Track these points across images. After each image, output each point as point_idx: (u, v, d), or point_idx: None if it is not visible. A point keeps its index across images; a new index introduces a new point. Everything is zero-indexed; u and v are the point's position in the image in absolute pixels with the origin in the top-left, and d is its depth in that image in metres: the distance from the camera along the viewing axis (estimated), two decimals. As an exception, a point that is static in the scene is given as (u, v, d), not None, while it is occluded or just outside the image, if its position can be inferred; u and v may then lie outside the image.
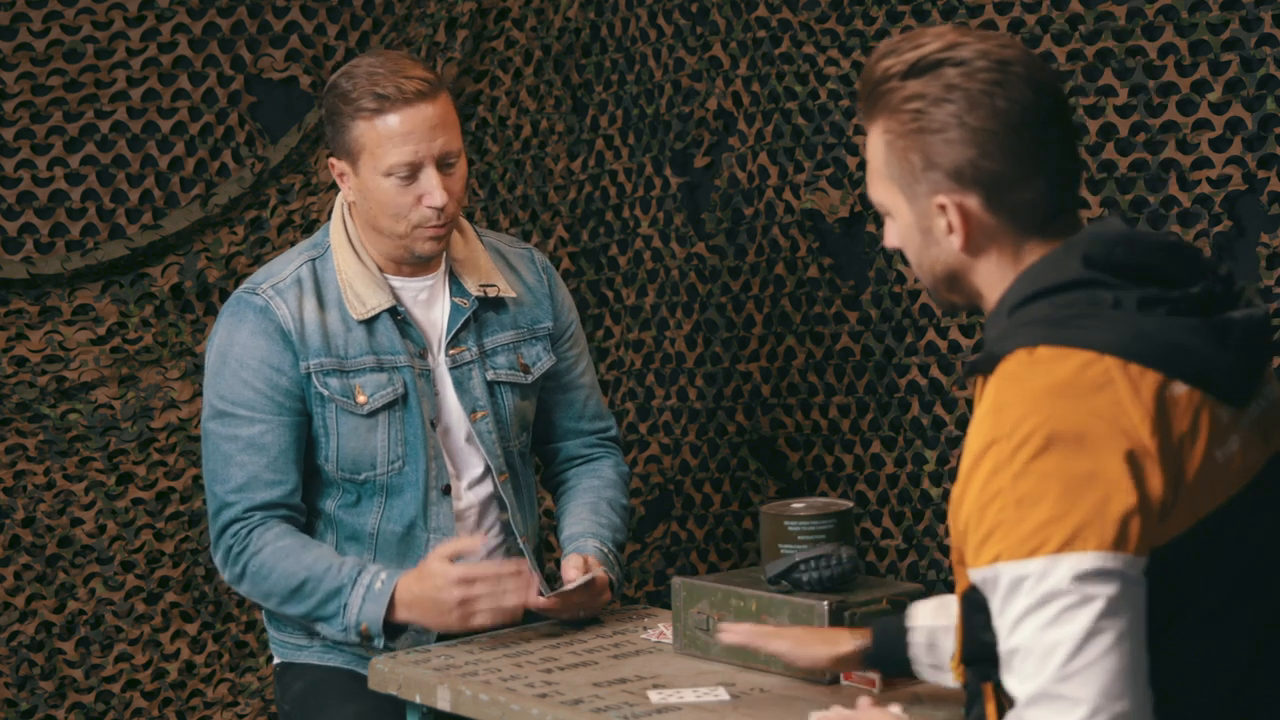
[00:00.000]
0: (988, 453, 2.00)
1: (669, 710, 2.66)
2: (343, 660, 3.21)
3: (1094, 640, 1.93)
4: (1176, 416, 2.01)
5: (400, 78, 3.08)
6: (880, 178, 2.17)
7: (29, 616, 4.11)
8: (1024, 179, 2.10)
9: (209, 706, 4.18)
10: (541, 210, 4.29)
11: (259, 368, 3.13)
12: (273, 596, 3.13)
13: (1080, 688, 1.93)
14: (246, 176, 4.15)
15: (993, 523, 1.99)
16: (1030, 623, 1.96)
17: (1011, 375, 2.03)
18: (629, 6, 4.22)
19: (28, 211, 4.15)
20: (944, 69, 2.10)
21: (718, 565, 4.19)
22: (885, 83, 2.13)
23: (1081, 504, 1.95)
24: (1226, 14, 3.47)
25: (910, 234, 2.17)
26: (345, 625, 3.07)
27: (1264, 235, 3.47)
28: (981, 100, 2.08)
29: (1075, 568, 1.94)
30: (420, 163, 3.10)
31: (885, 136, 2.14)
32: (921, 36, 2.14)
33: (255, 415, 3.13)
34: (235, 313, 3.18)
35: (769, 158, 4.05)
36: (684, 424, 4.22)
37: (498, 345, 3.26)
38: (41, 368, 4.10)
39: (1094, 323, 2.02)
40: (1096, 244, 2.08)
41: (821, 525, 2.84)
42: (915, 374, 3.88)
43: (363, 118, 3.09)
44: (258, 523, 3.14)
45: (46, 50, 4.14)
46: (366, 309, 3.16)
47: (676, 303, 4.20)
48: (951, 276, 2.17)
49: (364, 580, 3.06)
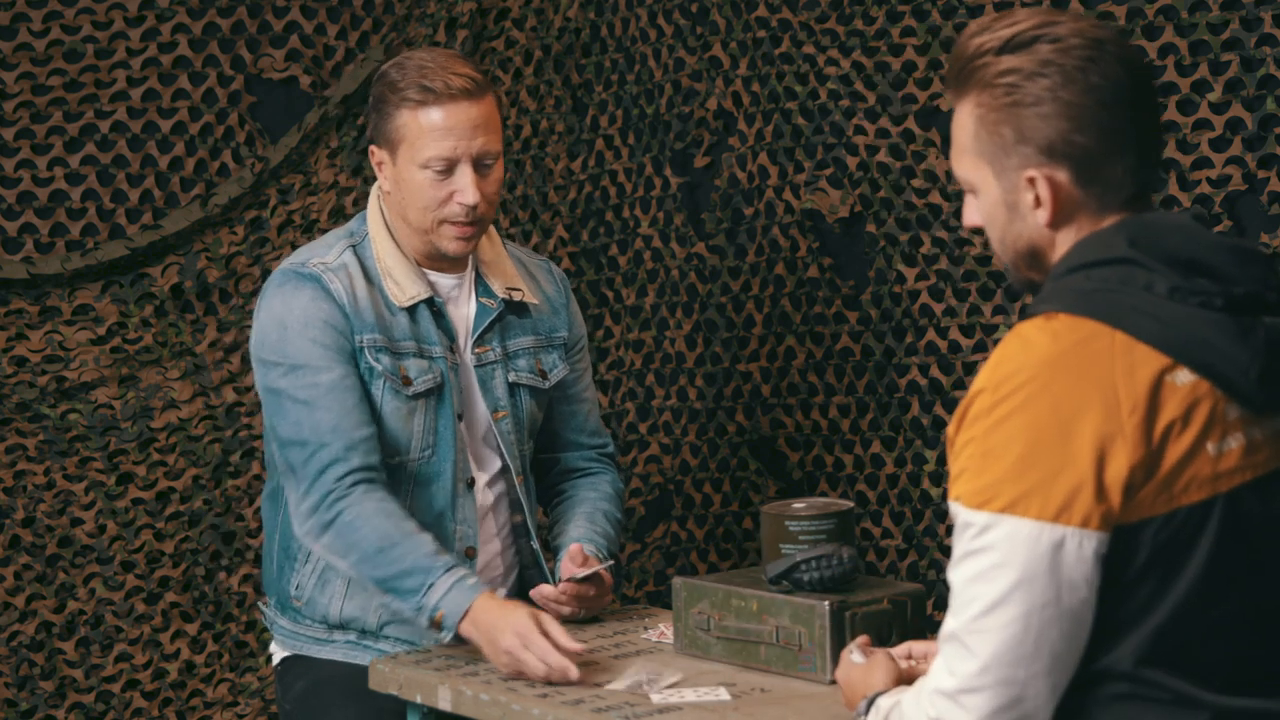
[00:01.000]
0: (976, 399, 2.09)
1: (669, 710, 2.66)
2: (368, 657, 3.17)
3: (1006, 603, 2.04)
4: (1169, 402, 2.05)
5: (449, 74, 3.11)
6: (967, 153, 2.20)
7: (29, 616, 4.11)
8: (1113, 155, 2.14)
9: (209, 706, 4.18)
10: (541, 210, 4.29)
11: (324, 328, 3.11)
12: (355, 551, 3.04)
13: (981, 643, 2.05)
14: (246, 176, 4.15)
15: (962, 465, 2.09)
16: (964, 567, 2.07)
17: (1021, 334, 2.10)
18: (629, 6, 4.22)
19: (28, 211, 4.15)
20: (1039, 45, 2.13)
21: (718, 565, 4.19)
22: (979, 58, 2.16)
23: (1035, 470, 2.03)
24: (1226, 14, 3.47)
25: (995, 209, 2.20)
26: (421, 605, 2.99)
27: (1264, 235, 3.47)
28: (1076, 75, 2.12)
29: (1011, 531, 2.04)
30: (457, 159, 3.12)
31: (977, 111, 2.17)
32: (1015, 14, 2.17)
33: (333, 364, 3.10)
34: (288, 283, 3.16)
35: (769, 158, 4.05)
36: (684, 424, 4.22)
37: (520, 349, 3.29)
38: (41, 368, 4.10)
39: (1118, 299, 2.07)
40: (1150, 229, 2.13)
41: (822, 525, 2.84)
42: (915, 374, 3.88)
43: (407, 108, 3.12)
44: (364, 479, 3.07)
45: (46, 50, 4.14)
46: (407, 297, 3.17)
47: (676, 303, 4.20)
48: (1034, 252, 2.20)
49: (458, 572, 2.99)
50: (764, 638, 2.79)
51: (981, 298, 3.78)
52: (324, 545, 3.08)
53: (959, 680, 2.07)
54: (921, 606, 2.82)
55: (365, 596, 3.18)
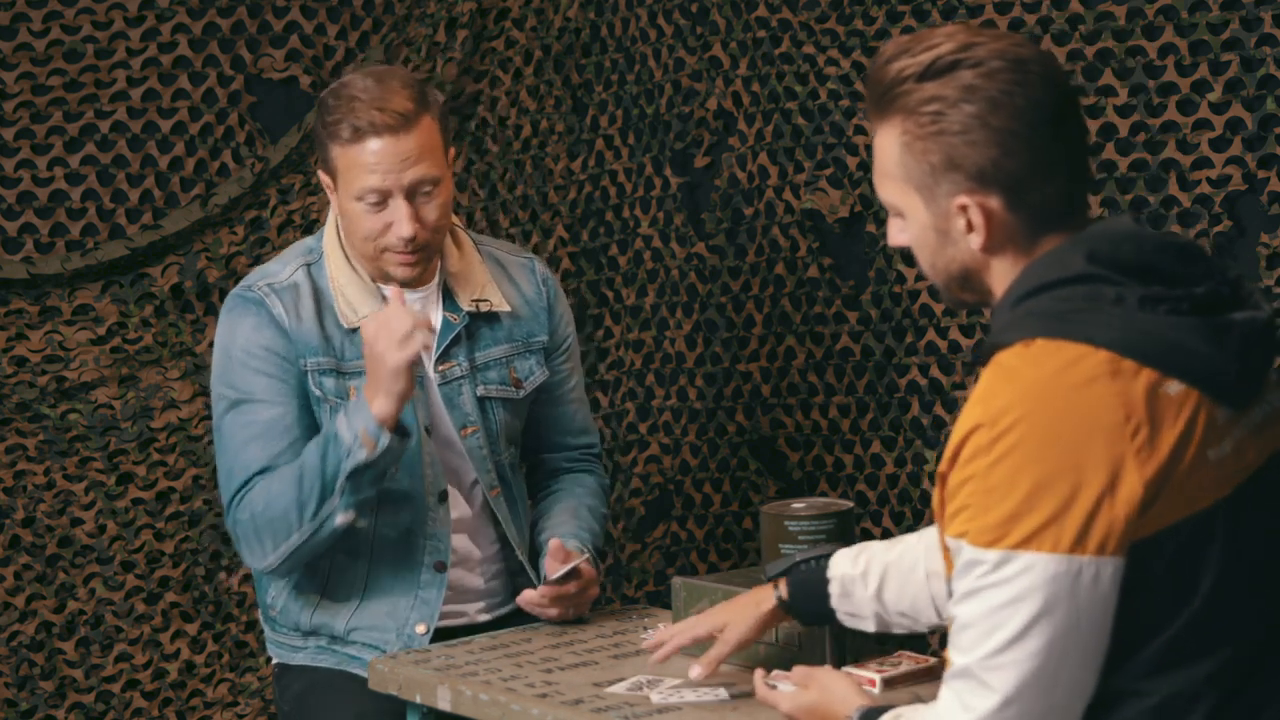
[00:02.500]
0: (970, 436, 2.06)
1: (669, 710, 2.66)
2: (334, 661, 3.21)
3: (1026, 638, 2.01)
4: (1167, 415, 2.03)
5: (375, 109, 3.07)
6: (892, 179, 2.18)
7: (29, 616, 4.11)
8: (1043, 177, 2.12)
9: (209, 706, 4.18)
10: (541, 210, 4.29)
11: (266, 355, 3.14)
12: (289, 515, 3.06)
13: (1001, 679, 2.03)
14: (246, 176, 4.15)
15: (964, 501, 2.06)
16: (974, 604, 2.04)
17: (1004, 365, 2.07)
18: (629, 6, 4.22)
19: (28, 211, 4.15)
20: (960, 70, 2.11)
21: (718, 565, 4.18)
22: (900, 84, 2.13)
23: (1045, 504, 2.01)
24: (1226, 14, 3.47)
25: (925, 234, 2.18)
26: (351, 449, 3.00)
27: (1264, 235, 3.47)
28: (1002, 101, 2.09)
29: (1026, 566, 2.01)
30: (389, 191, 3.09)
31: (902, 138, 2.14)
32: (932, 37, 2.14)
33: (271, 400, 3.13)
34: (234, 309, 3.20)
35: (769, 158, 4.05)
36: (684, 424, 4.22)
37: (490, 360, 3.26)
38: (41, 368, 4.10)
39: (1093, 317, 2.05)
40: (1102, 240, 2.10)
41: (821, 525, 2.84)
42: (915, 374, 3.88)
43: (337, 143, 3.10)
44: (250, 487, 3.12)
45: (46, 50, 4.14)
46: (358, 317, 3.15)
47: (676, 303, 4.20)
48: (966, 275, 2.18)
49: (340, 417, 3.03)
50: (764, 638, 2.79)
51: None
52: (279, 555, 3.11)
53: (976, 716, 2.04)
54: (921, 606, 2.82)
55: (336, 605, 3.19)
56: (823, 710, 2.37)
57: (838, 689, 2.36)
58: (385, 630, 3.17)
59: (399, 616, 3.16)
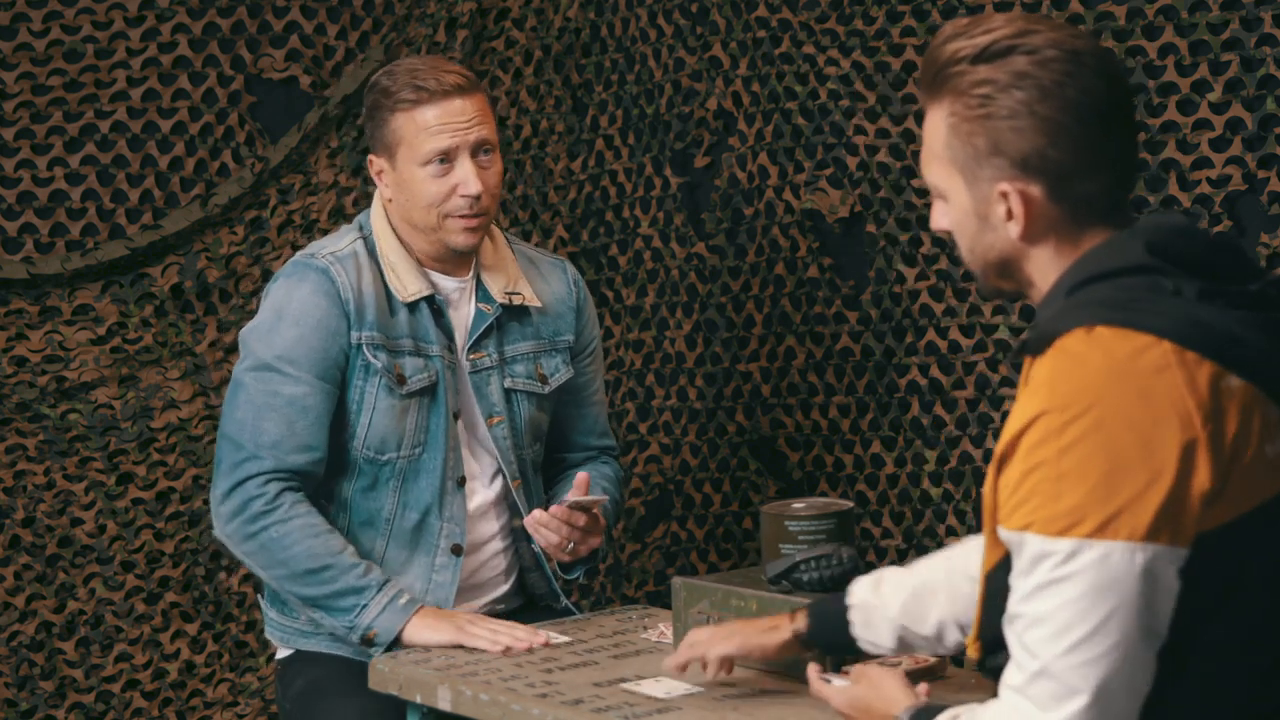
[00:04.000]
0: (1036, 422, 2.01)
1: (669, 710, 2.66)
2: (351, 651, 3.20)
3: (1104, 631, 1.96)
4: (1231, 408, 2.01)
5: (440, 72, 3.19)
6: (938, 160, 2.16)
7: (29, 616, 4.11)
8: (1089, 170, 2.10)
9: (209, 706, 4.18)
10: (541, 210, 4.29)
11: (315, 328, 3.16)
12: (283, 568, 3.10)
13: (1083, 677, 1.97)
14: (246, 176, 4.15)
15: (1030, 490, 2.00)
16: (1046, 598, 1.98)
17: (1069, 351, 2.03)
18: (629, 6, 4.22)
19: (28, 211, 4.15)
20: (1015, 56, 2.09)
21: (718, 565, 4.18)
22: (954, 65, 2.12)
23: (1121, 491, 1.96)
24: (1226, 14, 3.47)
25: (966, 219, 2.16)
26: (354, 624, 3.08)
27: (1264, 235, 3.46)
28: (1052, 90, 2.08)
29: (1103, 555, 1.96)
30: (455, 150, 3.17)
31: (950, 119, 2.13)
32: (990, 21, 2.13)
33: (301, 375, 3.14)
34: (295, 273, 3.21)
35: (769, 158, 4.05)
36: (684, 424, 4.22)
37: (518, 354, 3.31)
38: (41, 368, 4.10)
39: (1154, 307, 2.03)
40: (1159, 233, 2.09)
41: (821, 525, 2.84)
42: (915, 374, 3.88)
43: (402, 109, 3.18)
44: (288, 487, 3.12)
45: (46, 50, 4.14)
46: (409, 293, 3.21)
47: (676, 303, 4.20)
48: (1004, 263, 2.16)
49: (390, 591, 3.09)
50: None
51: (982, 298, 3.78)
52: (245, 553, 3.15)
53: (1062, 717, 1.98)
54: (921, 606, 2.81)
55: None
56: (873, 706, 2.34)
57: (887, 686, 2.33)
58: None
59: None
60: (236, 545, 3.15)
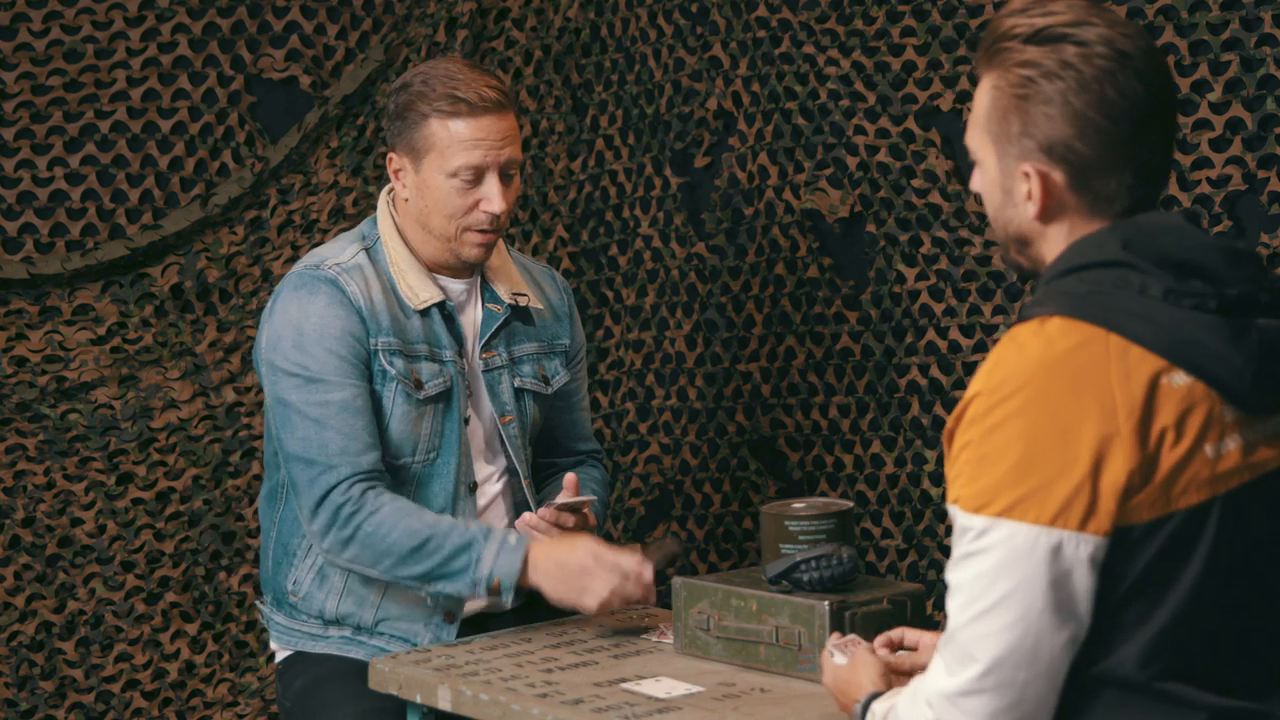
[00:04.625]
0: (972, 402, 2.10)
1: (669, 710, 2.66)
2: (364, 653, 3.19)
3: (1005, 607, 2.04)
4: (1165, 405, 2.05)
5: (481, 86, 3.16)
6: (979, 127, 2.21)
7: (29, 616, 4.11)
8: (1112, 169, 2.14)
9: (209, 706, 4.18)
10: (541, 210, 4.29)
11: (341, 335, 3.15)
12: (388, 557, 3.09)
13: (982, 647, 2.06)
14: (246, 176, 4.15)
15: (960, 468, 2.11)
16: (962, 570, 2.08)
17: (1016, 339, 2.10)
18: (629, 6, 4.22)
19: (28, 211, 4.15)
20: (1065, 44, 2.13)
21: (718, 565, 4.19)
22: (1007, 40, 2.16)
23: (1033, 475, 2.04)
24: (1226, 14, 3.47)
25: (992, 189, 2.21)
26: (476, 579, 3.06)
27: (1264, 235, 3.47)
28: (1091, 85, 2.12)
29: (1009, 534, 2.04)
30: (485, 168, 3.16)
31: (993, 91, 2.18)
32: (1054, 4, 2.16)
33: (345, 380, 3.14)
34: (304, 286, 3.18)
35: (769, 158, 4.05)
36: (684, 424, 4.22)
37: (524, 355, 3.33)
38: (41, 368, 4.10)
39: (1111, 302, 2.07)
40: (1143, 231, 2.13)
41: (821, 525, 2.84)
42: (915, 374, 3.88)
43: (437, 117, 3.15)
44: (369, 485, 3.12)
45: (46, 50, 4.14)
46: (420, 300, 3.21)
47: (676, 303, 4.20)
48: (1022, 239, 2.21)
49: (497, 535, 3.08)
50: (763, 638, 2.79)
51: (981, 298, 3.78)
52: (349, 559, 3.12)
53: (959, 682, 2.08)
54: (921, 606, 2.82)
55: (363, 593, 3.20)
56: (846, 690, 2.42)
57: (863, 673, 2.40)
58: (414, 620, 3.19)
59: (425, 606, 3.18)
60: (338, 555, 3.13)
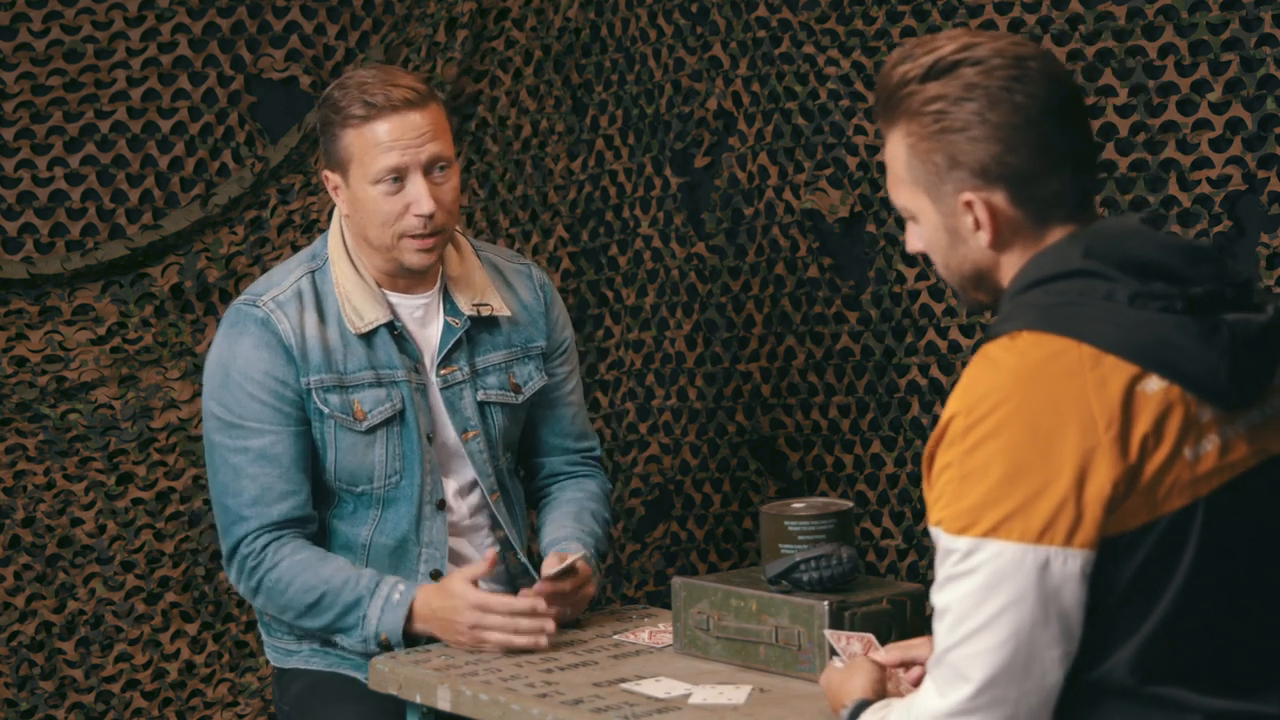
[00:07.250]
0: (950, 423, 2.09)
1: (669, 710, 2.66)
2: (328, 664, 3.21)
3: (995, 626, 2.04)
4: (1143, 411, 2.05)
5: (389, 86, 3.10)
6: (903, 183, 2.21)
7: (29, 616, 4.11)
8: (1047, 171, 2.14)
9: (209, 706, 4.18)
10: (541, 210, 4.29)
11: (263, 380, 3.13)
12: (290, 610, 3.14)
13: (973, 667, 2.05)
14: (246, 176, 4.15)
15: (940, 489, 2.09)
16: (949, 591, 2.08)
17: (988, 356, 2.10)
18: (629, 6, 4.22)
19: (28, 211, 4.15)
20: (962, 69, 2.14)
21: (718, 565, 4.19)
22: (904, 87, 2.17)
23: (1015, 493, 2.03)
24: (1226, 14, 3.47)
25: (937, 235, 2.21)
26: (365, 636, 3.08)
27: (1264, 235, 3.47)
28: (1001, 96, 2.13)
29: (995, 554, 2.04)
30: (406, 168, 3.10)
31: (907, 140, 2.18)
32: (934, 41, 2.18)
33: (264, 427, 3.13)
34: (235, 323, 3.18)
35: (769, 158, 4.05)
36: (684, 424, 4.22)
37: (489, 365, 3.26)
38: (41, 368, 4.10)
39: (1079, 312, 2.07)
40: (1103, 237, 2.13)
41: (821, 525, 2.84)
42: (915, 374, 3.89)
43: (351, 125, 3.11)
44: (272, 538, 3.14)
45: (46, 50, 4.14)
46: (364, 323, 3.16)
47: (676, 303, 4.20)
48: (979, 274, 2.21)
49: (382, 592, 3.08)
50: (763, 638, 2.79)
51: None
52: (261, 606, 3.21)
53: (951, 703, 2.07)
54: (921, 606, 2.81)
55: None
56: (838, 695, 2.42)
57: (859, 678, 2.41)
58: None
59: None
60: (252, 601, 3.20)
